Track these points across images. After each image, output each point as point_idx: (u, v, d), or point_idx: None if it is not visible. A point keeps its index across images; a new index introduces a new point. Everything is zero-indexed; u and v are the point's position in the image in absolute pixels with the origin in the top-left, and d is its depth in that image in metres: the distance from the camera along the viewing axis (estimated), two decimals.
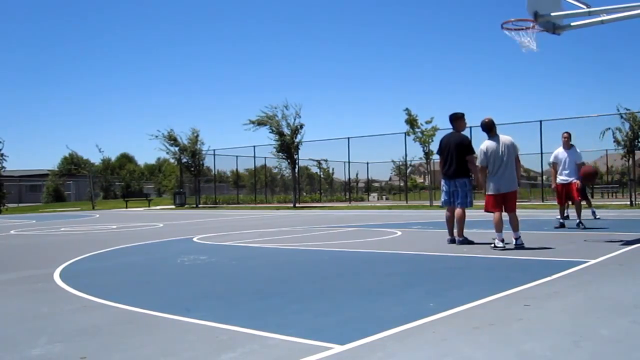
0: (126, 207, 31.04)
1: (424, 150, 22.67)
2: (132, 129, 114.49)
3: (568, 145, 10.16)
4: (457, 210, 7.93)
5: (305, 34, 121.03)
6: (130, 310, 3.95)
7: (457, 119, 7.97)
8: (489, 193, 7.32)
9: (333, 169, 37.05)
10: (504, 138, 7.32)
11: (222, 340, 3.09)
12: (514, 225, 7.15)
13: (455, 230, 7.93)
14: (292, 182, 29.62)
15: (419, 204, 24.05)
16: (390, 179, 45.79)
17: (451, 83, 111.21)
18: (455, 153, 7.78)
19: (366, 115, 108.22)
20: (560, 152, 10.22)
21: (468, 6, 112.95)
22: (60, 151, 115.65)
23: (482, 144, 7.36)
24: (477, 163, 7.39)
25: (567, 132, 10.24)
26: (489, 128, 7.39)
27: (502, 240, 6.98)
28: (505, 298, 4.01)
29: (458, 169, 7.81)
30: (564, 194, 10.09)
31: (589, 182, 9.76)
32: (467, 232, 8.05)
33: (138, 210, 27.98)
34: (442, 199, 8.16)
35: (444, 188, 8.04)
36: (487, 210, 7.46)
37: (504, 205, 7.24)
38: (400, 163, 34.11)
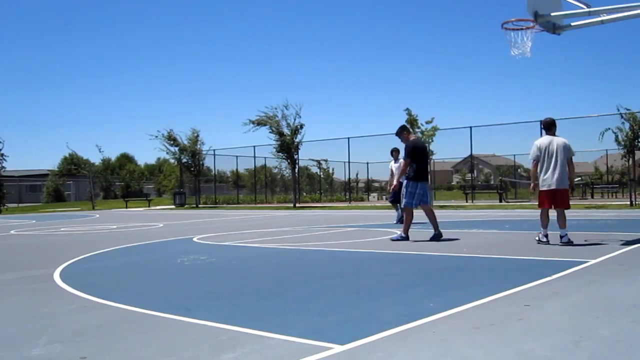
0: (126, 207, 31.04)
1: None
2: (132, 129, 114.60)
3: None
4: (410, 210, 8.58)
5: (305, 34, 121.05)
6: (130, 310, 3.95)
7: (409, 129, 8.96)
8: (541, 189, 7.42)
9: (333, 169, 37.04)
10: (558, 139, 7.44)
11: (222, 340, 3.09)
12: (561, 222, 7.27)
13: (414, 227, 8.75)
14: (292, 182, 29.62)
15: None
16: None
17: (451, 83, 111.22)
18: (427, 158, 8.57)
19: (366, 115, 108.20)
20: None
21: (468, 6, 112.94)
22: (60, 151, 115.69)
23: (536, 140, 7.50)
24: (530, 158, 7.51)
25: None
26: (548, 126, 7.57)
27: (546, 236, 7.30)
28: (505, 298, 4.01)
29: (427, 173, 8.60)
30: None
31: None
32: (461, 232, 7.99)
33: (138, 210, 27.98)
34: (413, 201, 8.47)
35: (413, 189, 8.44)
36: (540, 207, 7.54)
37: (554, 202, 7.37)
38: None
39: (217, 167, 34.38)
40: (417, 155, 8.40)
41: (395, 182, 11.89)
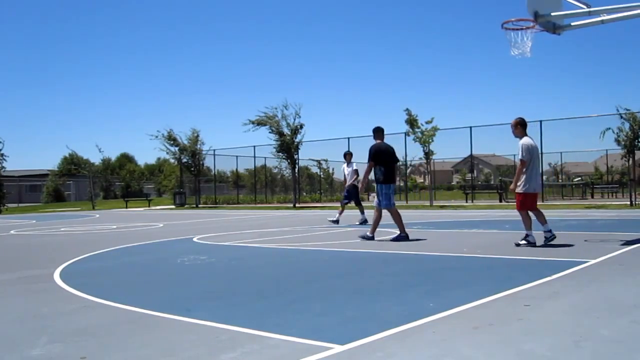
0: (126, 207, 31.03)
1: (424, 150, 22.65)
2: (132, 129, 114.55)
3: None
4: (379, 211, 8.70)
5: (305, 34, 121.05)
6: (130, 310, 3.95)
7: (382, 131, 8.95)
8: (530, 192, 7.26)
9: (333, 169, 37.00)
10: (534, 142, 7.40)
11: (222, 340, 3.09)
12: (543, 219, 7.24)
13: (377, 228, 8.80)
14: (292, 182, 29.62)
15: (419, 204, 24.04)
16: None
17: (451, 83, 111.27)
18: (394, 161, 8.80)
19: (366, 115, 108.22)
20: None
21: (468, 6, 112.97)
22: (60, 151, 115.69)
23: (525, 141, 7.29)
24: (523, 158, 7.22)
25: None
26: (525, 126, 7.50)
27: (530, 235, 7.21)
28: (505, 298, 4.01)
29: (395, 175, 8.68)
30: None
31: None
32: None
33: (138, 210, 27.98)
34: (391, 202, 8.66)
35: (385, 190, 8.63)
36: (523, 209, 7.37)
37: (535, 204, 7.36)
38: (400, 163, 34.09)
39: (217, 167, 34.39)
40: (380, 158, 8.63)
41: (349, 184, 12.41)
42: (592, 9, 7.88)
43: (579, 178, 38.19)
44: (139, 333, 3.35)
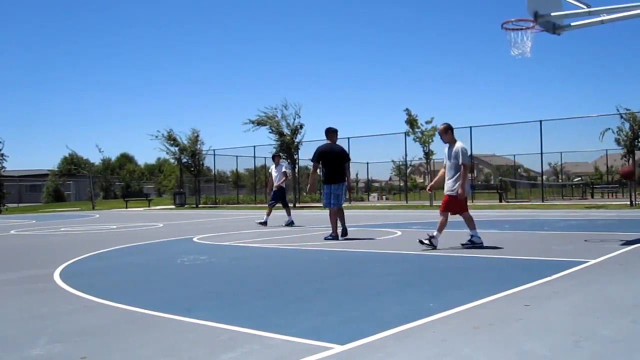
0: (126, 207, 31.03)
1: (424, 150, 22.68)
2: (132, 129, 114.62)
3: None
4: (335, 209, 8.97)
5: (305, 34, 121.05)
6: (130, 310, 3.95)
7: (333, 132, 9.12)
8: (466, 195, 7.31)
9: None
10: None
11: (222, 340, 3.09)
12: (473, 224, 7.27)
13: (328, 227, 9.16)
14: (292, 182, 29.61)
15: (419, 204, 24.04)
16: (390, 179, 45.81)
17: (451, 83, 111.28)
18: (339, 161, 8.92)
19: (366, 115, 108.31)
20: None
21: (468, 6, 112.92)
22: (60, 151, 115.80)
23: (463, 145, 7.34)
24: (465, 162, 7.23)
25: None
26: (453, 131, 7.54)
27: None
28: (505, 298, 4.01)
29: (341, 175, 8.92)
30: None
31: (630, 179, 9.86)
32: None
33: (138, 210, 27.97)
34: (331, 201, 8.95)
35: (327, 190, 8.99)
36: (455, 212, 7.35)
37: (465, 207, 7.34)
38: (400, 163, 34.13)
39: (217, 167, 34.40)
40: (321, 159, 8.97)
41: (276, 185, 12.76)
42: (592, 9, 7.87)
43: (579, 178, 38.21)
44: (139, 333, 3.35)
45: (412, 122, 22.42)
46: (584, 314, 3.52)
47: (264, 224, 12.57)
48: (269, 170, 13.92)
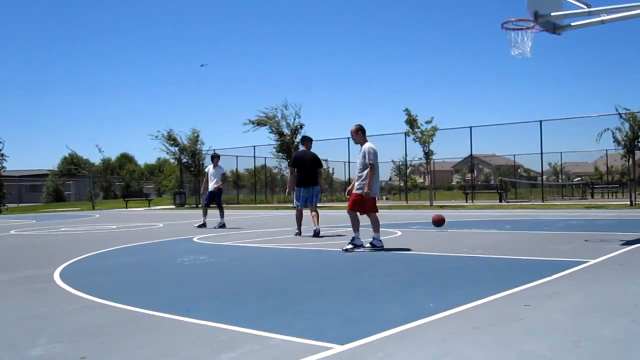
0: (126, 207, 31.03)
1: (424, 150, 22.65)
2: (132, 129, 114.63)
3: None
4: (300, 209, 9.96)
5: (305, 34, 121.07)
6: (130, 310, 3.95)
7: (308, 140, 10.15)
8: (373, 195, 7.32)
9: (333, 169, 36.97)
10: None
11: (222, 340, 3.09)
12: (378, 226, 7.30)
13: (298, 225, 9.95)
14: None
15: (419, 204, 24.05)
16: (390, 179, 45.77)
17: (451, 83, 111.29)
18: (311, 167, 9.76)
19: (366, 115, 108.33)
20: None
21: (468, 6, 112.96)
22: (60, 151, 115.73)
23: (371, 145, 7.35)
24: (371, 161, 7.24)
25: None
26: (364, 132, 7.60)
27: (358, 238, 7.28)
28: (505, 298, 4.01)
29: (312, 179, 9.80)
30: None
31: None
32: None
33: (138, 210, 27.97)
34: (299, 203, 9.89)
35: (297, 193, 9.90)
36: (364, 212, 7.37)
37: (373, 207, 7.34)
38: (400, 163, 34.12)
39: None
40: (295, 164, 9.90)
41: (215, 187, 12.85)
42: (592, 9, 7.86)
43: (579, 178, 38.21)
44: (139, 333, 3.35)
45: (411, 122, 22.39)
46: (584, 314, 3.52)
47: (203, 225, 12.48)
48: (206, 170, 13.68)
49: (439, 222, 10.30)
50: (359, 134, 7.55)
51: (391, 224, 12.19)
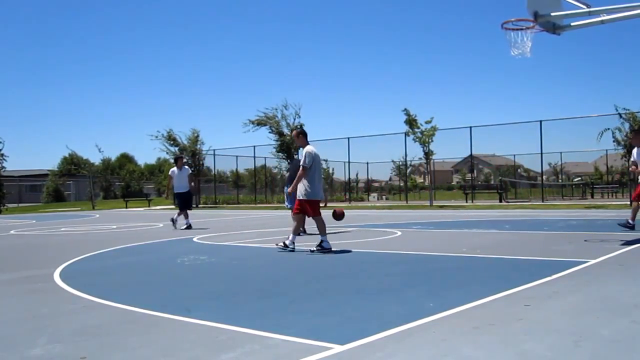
0: (126, 207, 31.03)
1: (423, 150, 22.66)
2: (132, 129, 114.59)
3: None
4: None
5: (305, 34, 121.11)
6: (130, 310, 3.95)
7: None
8: (311, 198, 7.41)
9: (333, 169, 36.95)
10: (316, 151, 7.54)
11: (222, 340, 3.09)
12: (324, 229, 7.36)
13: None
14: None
15: (419, 204, 24.05)
16: (390, 179, 45.78)
17: (451, 83, 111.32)
18: (296, 170, 9.71)
19: (366, 115, 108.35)
20: None
21: (468, 6, 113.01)
22: (60, 151, 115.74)
23: (310, 149, 7.48)
24: (306, 164, 7.35)
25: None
26: (306, 135, 7.74)
27: (293, 243, 7.42)
28: (505, 298, 4.01)
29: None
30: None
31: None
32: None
33: (138, 210, 27.97)
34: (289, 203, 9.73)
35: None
36: (309, 214, 7.51)
37: (315, 211, 7.46)
38: (400, 163, 34.13)
39: (217, 167, 34.40)
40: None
41: (191, 187, 13.19)
42: (592, 9, 7.86)
43: (579, 178, 38.23)
44: (139, 333, 3.35)
45: (411, 122, 22.40)
46: (584, 314, 3.52)
47: (189, 227, 12.49)
48: (169, 173, 13.80)
49: (340, 215, 9.88)
50: (300, 137, 7.74)
51: (391, 224, 12.20)
